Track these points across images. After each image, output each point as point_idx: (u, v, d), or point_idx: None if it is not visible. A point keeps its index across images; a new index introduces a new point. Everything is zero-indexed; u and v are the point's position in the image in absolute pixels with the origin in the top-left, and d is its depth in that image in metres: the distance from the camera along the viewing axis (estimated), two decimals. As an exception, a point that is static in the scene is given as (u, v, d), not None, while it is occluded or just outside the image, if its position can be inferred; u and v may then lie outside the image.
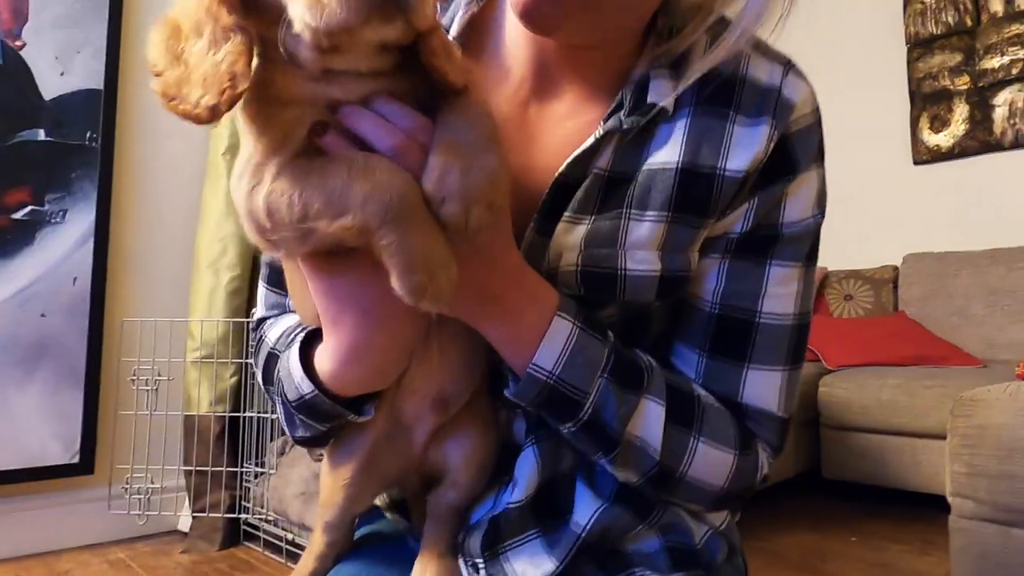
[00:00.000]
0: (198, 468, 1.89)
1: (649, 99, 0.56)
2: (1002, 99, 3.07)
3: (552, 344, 0.51)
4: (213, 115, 0.39)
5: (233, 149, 2.03)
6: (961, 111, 3.18)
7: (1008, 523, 1.13)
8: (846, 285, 3.21)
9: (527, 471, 0.57)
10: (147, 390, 1.88)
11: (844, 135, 3.51)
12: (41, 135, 1.84)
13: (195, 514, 1.91)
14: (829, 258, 3.37)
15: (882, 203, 3.39)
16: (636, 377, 0.54)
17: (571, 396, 0.51)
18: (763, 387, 0.58)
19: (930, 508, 2.17)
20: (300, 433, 0.58)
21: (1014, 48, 3.04)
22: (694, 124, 0.56)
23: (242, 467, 1.90)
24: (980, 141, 3.12)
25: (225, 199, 2.01)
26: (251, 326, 0.71)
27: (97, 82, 1.92)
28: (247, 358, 1.93)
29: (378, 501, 0.71)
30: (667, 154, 0.56)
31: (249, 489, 1.88)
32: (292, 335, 0.59)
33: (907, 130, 3.35)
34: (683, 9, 0.60)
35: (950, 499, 1.22)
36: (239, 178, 0.44)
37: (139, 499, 1.87)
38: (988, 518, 1.16)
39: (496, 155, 0.44)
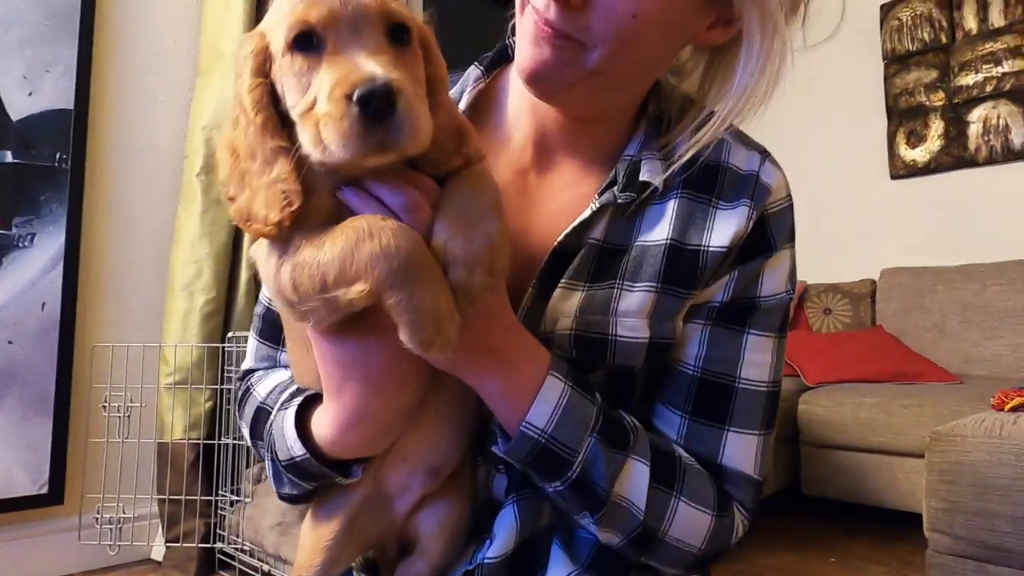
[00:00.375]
0: (172, 496, 1.85)
1: (642, 178, 0.61)
2: (976, 116, 3.12)
3: (545, 402, 0.53)
4: (280, 229, 0.44)
5: (207, 169, 2.00)
6: (937, 127, 3.22)
7: (985, 560, 1.14)
8: (825, 299, 3.23)
9: (506, 528, 0.58)
10: (119, 417, 1.84)
11: (823, 149, 3.55)
12: (8, 157, 1.79)
13: (169, 543, 1.87)
14: (809, 271, 3.40)
15: (860, 217, 3.43)
16: (623, 437, 0.57)
17: (561, 455, 0.53)
18: (741, 450, 0.62)
19: (907, 526, 2.19)
20: (287, 490, 0.60)
21: (988, 66, 3.09)
22: (681, 206, 0.61)
23: (217, 495, 1.87)
24: (955, 157, 3.16)
25: (200, 220, 1.97)
26: (237, 376, 0.74)
27: (67, 102, 1.88)
28: (223, 383, 1.89)
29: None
30: (657, 232, 0.61)
31: (224, 517, 1.85)
32: (285, 391, 0.62)
33: (884, 145, 3.38)
34: (673, 97, 0.67)
35: (927, 534, 1.22)
36: (267, 258, 0.47)
37: (111, 529, 1.83)
38: (965, 554, 1.16)
39: (497, 223, 0.46)
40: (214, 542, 1.87)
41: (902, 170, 3.32)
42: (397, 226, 0.43)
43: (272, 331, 0.71)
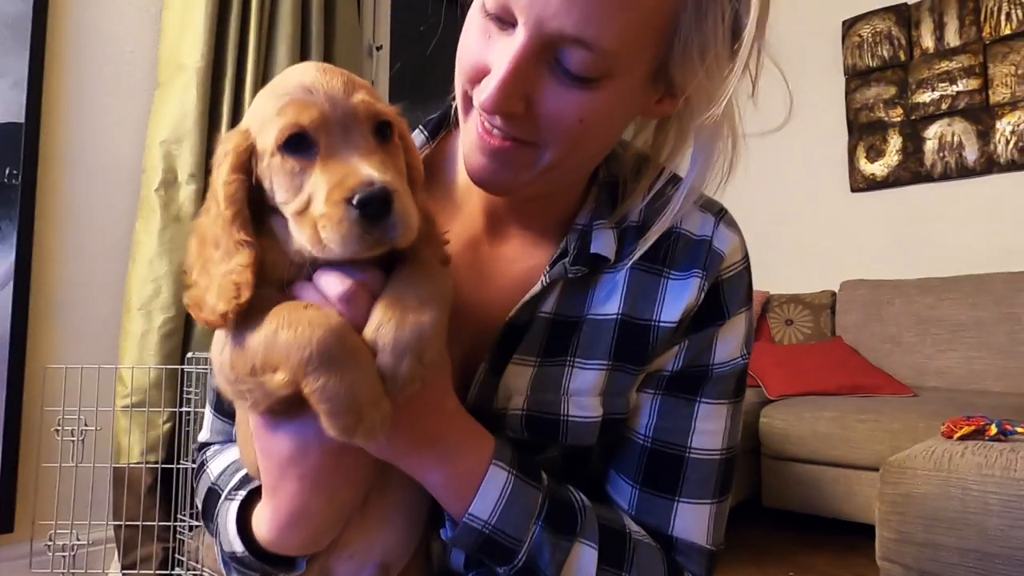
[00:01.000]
0: (128, 522, 1.81)
1: (592, 249, 0.60)
2: (932, 132, 3.21)
3: (488, 494, 0.52)
4: (224, 321, 0.44)
5: (166, 184, 1.95)
6: (895, 142, 3.31)
7: (933, 590, 1.18)
8: (787, 310, 3.30)
9: None
10: (72, 440, 1.79)
11: (786, 161, 3.61)
12: (-46, 173, 1.72)
13: (125, 570, 1.83)
14: (771, 282, 3.46)
15: (821, 229, 3.51)
16: (570, 521, 0.56)
17: (506, 544, 0.53)
18: (692, 521, 0.61)
19: (863, 537, 2.24)
20: None
21: (944, 84, 3.18)
22: (632, 277, 0.61)
23: (176, 520, 1.83)
24: (912, 172, 3.25)
25: (158, 237, 1.93)
26: (195, 447, 0.73)
27: (17, 115, 1.81)
28: (182, 405, 1.85)
29: None
30: (608, 306, 0.61)
31: (183, 542, 1.81)
32: (235, 474, 0.61)
33: (845, 158, 3.46)
34: (625, 159, 0.65)
35: (879, 562, 1.25)
36: (215, 335, 0.48)
37: (64, 556, 1.78)
38: (914, 584, 1.20)
39: (434, 313, 0.45)
40: (173, 568, 1.83)
41: (862, 183, 3.40)
42: (316, 314, 0.43)
43: (227, 405, 0.69)
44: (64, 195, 1.92)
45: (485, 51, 0.53)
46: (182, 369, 1.87)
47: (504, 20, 0.51)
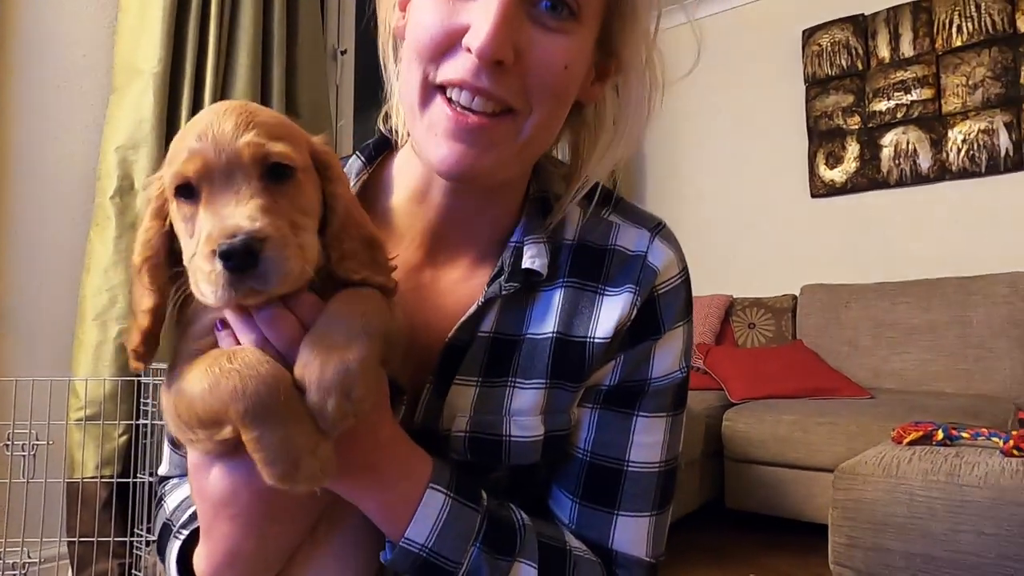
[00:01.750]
0: (83, 538, 1.76)
1: (524, 264, 0.60)
2: (888, 140, 3.30)
3: (424, 518, 0.53)
4: (136, 356, 0.48)
5: (122, 192, 1.91)
6: (853, 149, 3.39)
7: (881, 593, 1.21)
8: (749, 313, 3.36)
9: None
10: (23, 455, 1.74)
11: (748, 167, 3.68)
12: None
13: (79, 587, 1.78)
14: (734, 286, 3.52)
15: (783, 233, 3.58)
16: (509, 541, 0.56)
17: (443, 567, 0.53)
18: (632, 533, 0.62)
19: (822, 538, 2.29)
20: None
21: (899, 93, 3.27)
22: (567, 295, 0.62)
23: (132, 535, 1.79)
24: (869, 178, 3.34)
25: (114, 246, 1.88)
26: (155, 479, 0.74)
27: (-36, 120, 1.76)
28: (139, 417, 1.81)
29: None
30: (545, 325, 0.61)
31: (140, 558, 1.77)
32: (187, 511, 0.61)
33: (805, 164, 3.54)
34: (553, 176, 0.67)
35: (832, 567, 1.29)
36: (164, 383, 0.50)
37: (15, 574, 1.73)
38: (865, 587, 1.23)
39: (361, 349, 0.45)
40: (129, 584, 1.79)
41: (821, 189, 3.47)
42: (246, 363, 0.44)
43: None
44: (14, 202, 1.86)
45: (453, 16, 0.52)
46: (139, 380, 1.83)
47: None
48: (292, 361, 0.45)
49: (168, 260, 0.49)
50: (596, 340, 0.60)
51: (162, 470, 0.72)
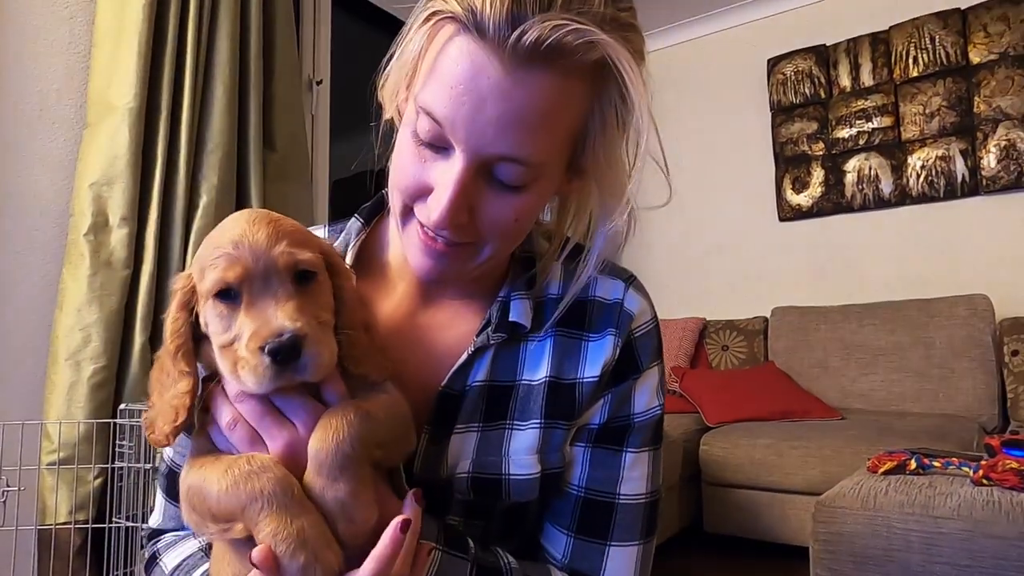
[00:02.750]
0: (55, 587, 1.71)
1: (511, 318, 0.67)
2: (851, 166, 3.41)
3: (417, 573, 0.54)
4: (168, 441, 0.53)
5: (96, 229, 1.88)
6: (818, 174, 3.50)
7: (863, 625, 1.24)
8: (722, 336, 3.42)
9: None
10: (-7, 503, 1.68)
11: (718, 191, 3.77)
12: None
13: (51, 637, 1.72)
14: (707, 308, 3.59)
15: (753, 256, 3.66)
16: None
17: None
18: (621, 563, 0.67)
19: (797, 559, 2.34)
20: None
21: (860, 121, 3.39)
22: (557, 344, 0.68)
23: (108, 582, 1.74)
24: (834, 203, 3.44)
25: (88, 284, 1.85)
26: (144, 534, 0.76)
27: (-69, 158, 1.72)
28: (114, 460, 1.77)
29: None
30: (538, 372, 0.67)
31: (116, 605, 1.73)
32: (193, 572, 0.64)
33: (773, 189, 3.63)
34: (537, 236, 0.74)
35: (814, 599, 1.32)
36: (183, 473, 0.55)
37: (-17, 627, 1.67)
38: (846, 619, 1.26)
39: (350, 480, 0.50)
40: (104, 632, 1.74)
41: (789, 213, 3.57)
42: (260, 468, 0.49)
43: (178, 490, 0.69)
44: (-17, 241, 1.82)
45: (423, 173, 0.58)
46: (114, 422, 1.79)
47: (438, 146, 0.57)
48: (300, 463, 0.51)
49: (194, 346, 0.55)
50: (585, 380, 0.67)
51: (153, 522, 0.73)
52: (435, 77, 0.55)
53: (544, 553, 0.69)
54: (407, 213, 0.62)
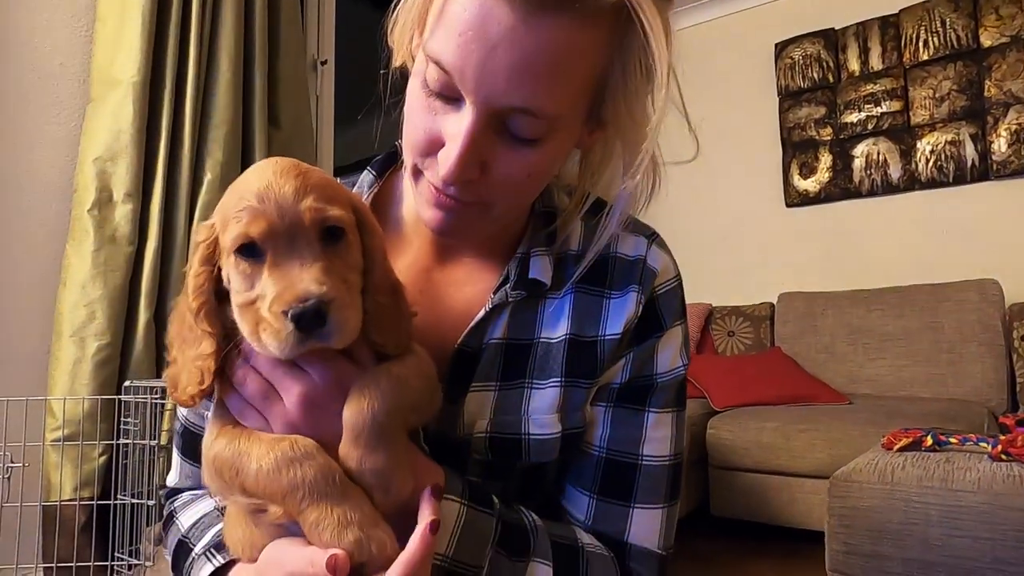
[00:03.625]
0: (60, 564, 1.70)
1: (531, 275, 0.65)
2: (859, 151, 3.38)
3: (443, 528, 0.54)
4: (194, 401, 0.51)
5: (100, 204, 1.85)
6: (826, 160, 3.47)
7: (879, 599, 1.23)
8: (729, 322, 3.40)
9: None
10: (-3, 479, 1.67)
11: (725, 178, 3.74)
12: None
13: (57, 615, 1.71)
14: (713, 294, 3.57)
15: (760, 242, 3.64)
16: (523, 542, 0.59)
17: (466, 574, 0.55)
18: (646, 525, 0.66)
19: (805, 543, 2.33)
20: None
21: (869, 105, 3.36)
22: (577, 301, 0.66)
23: (113, 559, 1.73)
24: (842, 188, 3.42)
25: (92, 260, 1.83)
26: (162, 493, 0.74)
27: (-67, 131, 1.69)
28: (119, 437, 1.76)
29: None
30: (558, 329, 0.65)
31: (121, 582, 1.72)
32: (208, 530, 0.63)
33: (780, 175, 3.61)
34: (557, 192, 0.72)
35: (830, 573, 1.30)
36: (209, 421, 0.53)
37: (-13, 603, 1.66)
38: (862, 594, 1.25)
39: (385, 449, 0.49)
40: (110, 610, 1.73)
41: (796, 199, 3.55)
42: (306, 456, 0.48)
43: (194, 449, 0.69)
44: (-14, 216, 1.80)
45: (434, 125, 0.56)
46: (119, 399, 1.77)
47: (449, 96, 0.55)
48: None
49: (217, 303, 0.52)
50: (607, 338, 0.64)
51: (171, 481, 0.73)
52: (443, 23, 0.53)
53: (566, 516, 0.67)
54: (418, 167, 0.60)
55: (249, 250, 0.48)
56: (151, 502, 1.69)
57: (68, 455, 1.76)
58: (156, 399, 1.75)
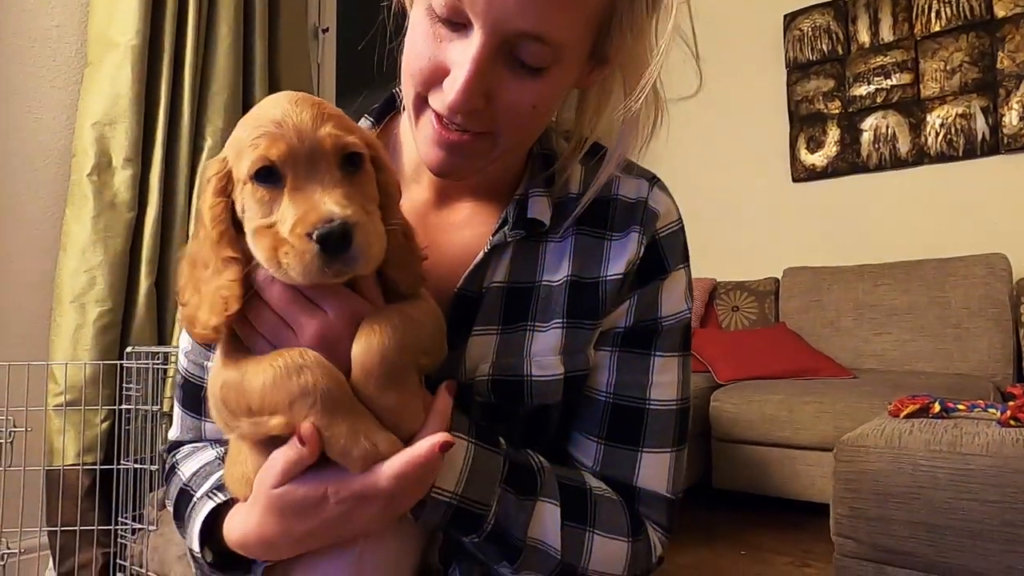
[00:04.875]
0: (64, 527, 1.71)
1: (529, 215, 0.64)
2: (868, 124, 3.33)
3: (450, 466, 0.53)
4: (216, 333, 0.49)
5: (99, 169, 1.83)
6: (834, 134, 3.42)
7: (885, 562, 1.22)
8: (733, 296, 3.38)
9: None
10: (0, 443, 1.67)
11: (730, 151, 3.70)
12: None
13: (62, 577, 1.72)
14: (718, 269, 3.54)
15: (765, 217, 3.60)
16: (530, 481, 0.58)
17: (475, 511, 0.55)
18: (654, 470, 0.65)
19: (808, 515, 2.34)
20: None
21: (879, 78, 3.30)
22: (578, 243, 0.65)
23: (117, 523, 1.74)
24: (849, 163, 3.37)
25: (92, 226, 1.81)
26: (164, 447, 0.75)
27: (-71, 92, 1.67)
28: (121, 403, 1.75)
29: None
30: (559, 272, 0.64)
31: (126, 546, 1.72)
32: (209, 477, 0.62)
33: (787, 149, 3.56)
34: (555, 134, 0.71)
35: (834, 538, 1.30)
36: (216, 360, 0.52)
37: (-8, 566, 1.66)
38: (867, 557, 1.24)
39: (397, 392, 0.49)
40: (114, 574, 1.74)
41: (803, 173, 3.51)
42: (313, 363, 0.47)
43: (194, 400, 0.70)
44: (-15, 180, 1.78)
45: (439, 53, 0.55)
46: (121, 364, 1.77)
47: (456, 22, 0.53)
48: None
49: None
50: (609, 278, 0.64)
51: (172, 434, 0.73)
52: None
53: (573, 463, 0.66)
54: (421, 103, 0.58)
55: (267, 175, 0.47)
56: (154, 467, 1.69)
57: (71, 420, 1.76)
58: (158, 365, 1.74)
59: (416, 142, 0.61)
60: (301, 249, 0.44)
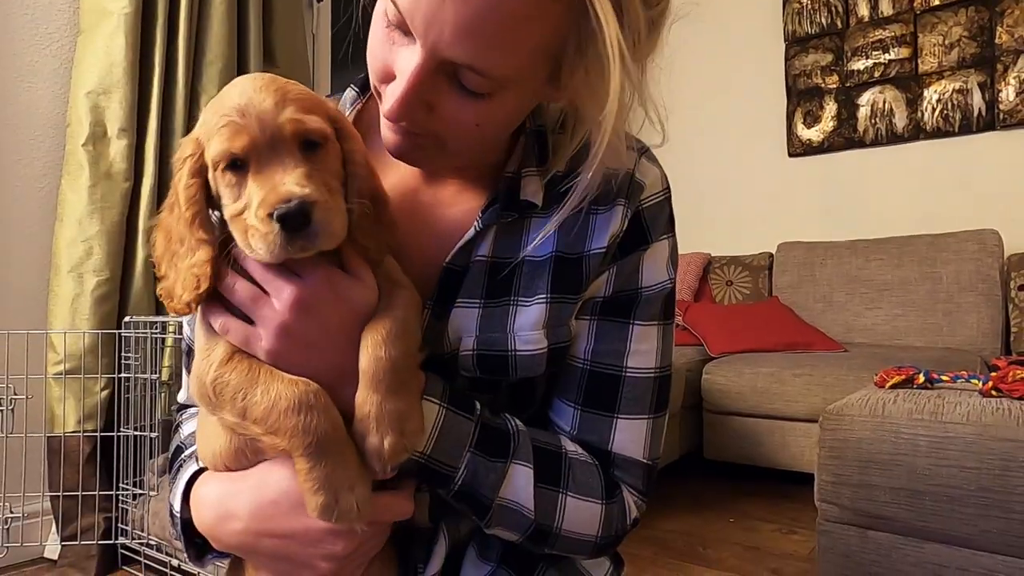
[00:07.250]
0: (66, 493, 1.74)
1: (522, 196, 0.63)
2: (866, 99, 3.33)
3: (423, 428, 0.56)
4: (189, 309, 0.52)
5: (94, 139, 1.83)
6: (831, 108, 3.42)
7: (866, 527, 1.26)
8: (727, 271, 3.40)
9: (437, 546, 0.63)
10: (2, 411, 1.70)
11: (727, 126, 3.69)
12: None
13: (65, 541, 1.76)
14: (712, 244, 3.56)
15: (760, 192, 3.61)
16: (503, 445, 0.61)
17: (441, 472, 0.57)
18: (630, 436, 0.66)
19: (795, 484, 2.39)
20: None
21: (877, 52, 3.29)
22: (563, 219, 0.63)
23: (118, 489, 1.77)
24: (846, 138, 3.37)
25: (88, 195, 1.82)
26: (174, 408, 0.79)
27: (-79, 60, 1.66)
28: (120, 371, 1.78)
29: None
30: (543, 248, 0.64)
31: (127, 512, 1.76)
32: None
33: (783, 124, 3.56)
34: (550, 109, 0.69)
35: (818, 504, 1.33)
36: (200, 338, 0.55)
37: (-3, 530, 1.70)
38: (850, 522, 1.28)
39: (409, 394, 0.53)
40: (116, 538, 1.78)
41: (799, 148, 3.51)
42: (322, 409, 0.50)
43: None
44: (-20, 149, 1.78)
45: (389, 56, 0.55)
46: (119, 333, 1.79)
47: (405, 31, 0.53)
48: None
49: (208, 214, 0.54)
50: (592, 252, 0.64)
51: (181, 397, 0.76)
52: None
53: (552, 427, 0.68)
54: (378, 92, 0.59)
55: (233, 163, 0.50)
56: (154, 434, 1.72)
57: (71, 388, 1.78)
58: (156, 334, 1.76)
59: (381, 119, 0.60)
60: (264, 230, 0.48)
